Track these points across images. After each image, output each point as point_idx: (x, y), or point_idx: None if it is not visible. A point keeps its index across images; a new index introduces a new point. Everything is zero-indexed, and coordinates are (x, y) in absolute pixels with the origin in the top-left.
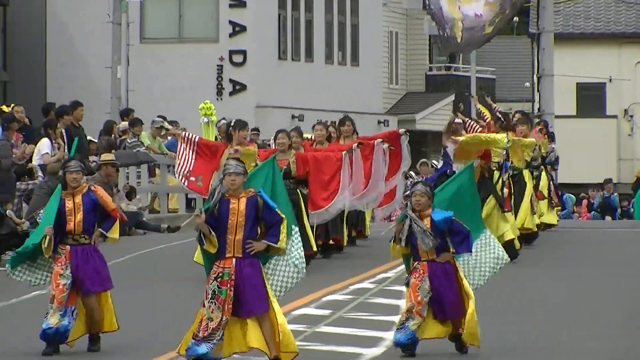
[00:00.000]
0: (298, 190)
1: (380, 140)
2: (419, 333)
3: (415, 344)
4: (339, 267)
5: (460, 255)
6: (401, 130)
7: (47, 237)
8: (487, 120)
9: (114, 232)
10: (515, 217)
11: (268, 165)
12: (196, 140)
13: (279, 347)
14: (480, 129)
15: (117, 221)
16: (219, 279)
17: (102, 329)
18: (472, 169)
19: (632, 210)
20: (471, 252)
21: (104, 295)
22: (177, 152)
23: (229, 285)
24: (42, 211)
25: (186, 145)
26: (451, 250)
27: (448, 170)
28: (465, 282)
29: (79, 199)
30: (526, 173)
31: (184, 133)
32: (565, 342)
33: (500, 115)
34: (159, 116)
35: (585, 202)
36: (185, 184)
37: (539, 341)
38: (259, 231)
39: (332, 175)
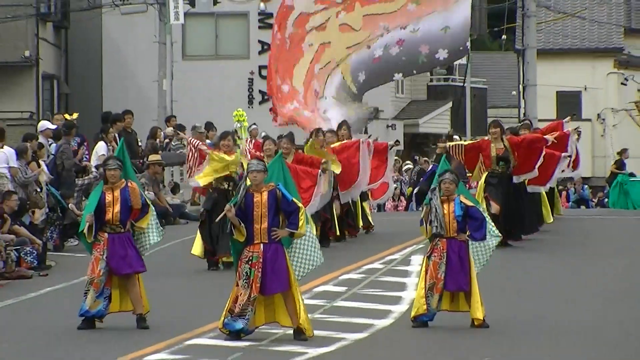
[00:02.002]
0: None
1: (363, 140)
2: (438, 306)
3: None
4: (353, 251)
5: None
6: (391, 143)
7: (88, 224)
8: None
9: (143, 223)
10: None
11: (277, 163)
12: (198, 147)
13: (300, 320)
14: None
15: (147, 214)
16: (249, 262)
17: (146, 309)
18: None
19: (606, 200)
20: (485, 239)
21: (135, 277)
22: (187, 156)
23: (257, 267)
24: None
25: (191, 150)
26: (467, 232)
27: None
28: (472, 264)
29: (117, 192)
30: None
31: (191, 139)
32: (566, 319)
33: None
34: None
35: (564, 194)
36: (193, 184)
37: (545, 318)
38: (281, 220)
39: (307, 188)
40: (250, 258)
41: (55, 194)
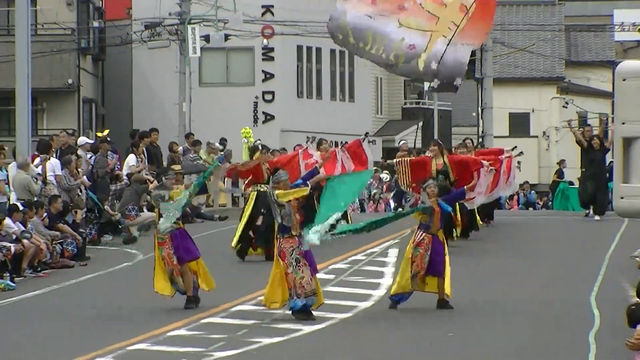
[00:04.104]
0: None
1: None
2: (417, 288)
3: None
4: (340, 245)
5: None
6: (362, 137)
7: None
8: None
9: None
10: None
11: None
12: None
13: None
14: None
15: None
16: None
17: (192, 293)
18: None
19: (550, 203)
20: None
21: (198, 262)
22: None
23: (301, 254)
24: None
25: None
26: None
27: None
28: (447, 254)
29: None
30: None
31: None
32: (515, 301)
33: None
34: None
35: (515, 198)
36: None
37: (495, 301)
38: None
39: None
40: (294, 248)
41: (93, 197)
